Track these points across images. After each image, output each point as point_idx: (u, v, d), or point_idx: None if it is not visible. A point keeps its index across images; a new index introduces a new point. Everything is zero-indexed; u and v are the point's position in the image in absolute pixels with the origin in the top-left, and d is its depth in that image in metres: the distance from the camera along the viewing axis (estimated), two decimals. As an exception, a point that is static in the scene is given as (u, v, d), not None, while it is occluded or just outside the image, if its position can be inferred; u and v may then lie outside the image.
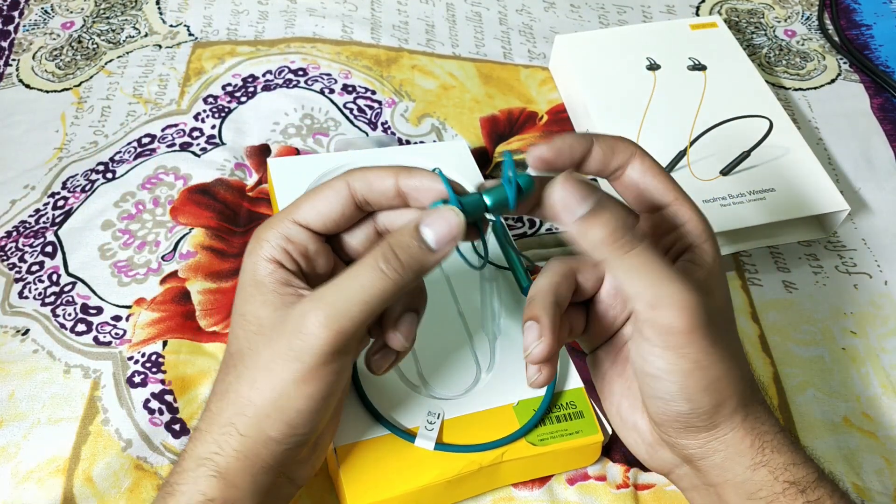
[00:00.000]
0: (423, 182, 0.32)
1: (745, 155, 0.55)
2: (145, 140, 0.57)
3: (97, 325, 0.47)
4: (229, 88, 0.61)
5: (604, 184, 0.55)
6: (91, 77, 0.61)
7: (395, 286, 0.30)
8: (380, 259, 0.30)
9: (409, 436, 0.40)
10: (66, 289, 0.48)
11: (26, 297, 0.48)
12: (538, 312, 0.33)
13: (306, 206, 0.33)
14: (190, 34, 0.65)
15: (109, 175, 0.54)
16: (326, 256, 0.34)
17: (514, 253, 0.40)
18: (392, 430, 0.40)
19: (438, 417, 0.41)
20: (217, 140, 0.57)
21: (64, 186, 0.54)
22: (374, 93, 0.62)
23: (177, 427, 0.43)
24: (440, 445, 0.40)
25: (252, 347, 0.31)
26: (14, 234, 0.51)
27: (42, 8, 0.66)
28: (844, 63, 0.70)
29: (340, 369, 0.31)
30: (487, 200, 0.32)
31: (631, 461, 0.43)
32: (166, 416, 0.43)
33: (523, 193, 0.32)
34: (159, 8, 0.67)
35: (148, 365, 0.45)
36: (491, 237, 0.37)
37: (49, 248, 0.50)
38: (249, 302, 0.32)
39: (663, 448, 0.35)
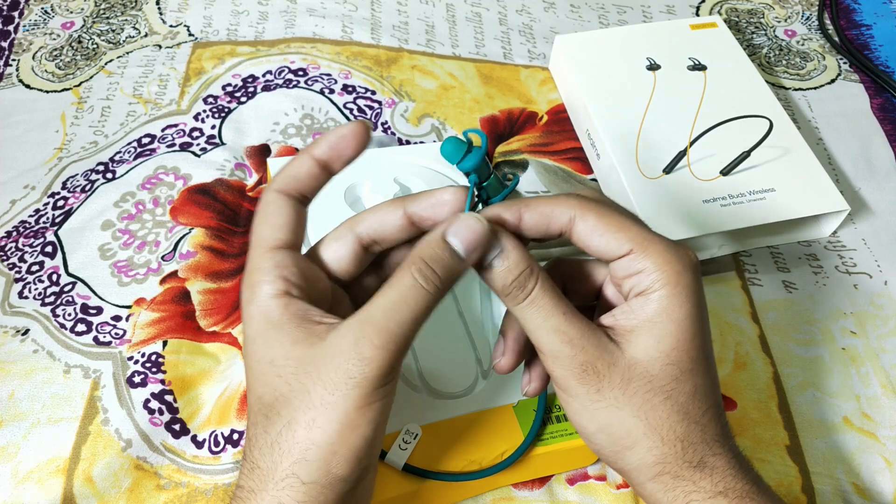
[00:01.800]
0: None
1: (745, 155, 0.55)
2: (145, 140, 0.57)
3: (97, 325, 0.47)
4: (229, 88, 0.61)
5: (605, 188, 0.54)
6: (91, 77, 0.61)
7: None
8: (416, 274, 0.30)
9: (384, 451, 0.39)
10: (66, 289, 0.48)
11: (26, 297, 0.48)
12: (507, 328, 0.35)
13: (267, 227, 0.32)
14: (190, 34, 0.65)
15: (109, 175, 0.54)
16: (317, 271, 0.33)
17: None
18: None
19: (415, 438, 0.40)
20: (217, 140, 0.57)
21: (64, 186, 0.54)
22: (374, 93, 0.62)
23: (177, 427, 0.43)
24: (410, 467, 0.39)
25: (299, 389, 0.29)
26: (14, 234, 0.51)
27: (42, 8, 0.66)
28: (844, 63, 0.69)
29: (394, 387, 0.31)
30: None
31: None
32: (166, 416, 0.43)
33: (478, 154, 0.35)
34: (159, 8, 0.67)
35: (148, 365, 0.45)
36: None
37: (49, 248, 0.50)
38: (274, 347, 0.30)
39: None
